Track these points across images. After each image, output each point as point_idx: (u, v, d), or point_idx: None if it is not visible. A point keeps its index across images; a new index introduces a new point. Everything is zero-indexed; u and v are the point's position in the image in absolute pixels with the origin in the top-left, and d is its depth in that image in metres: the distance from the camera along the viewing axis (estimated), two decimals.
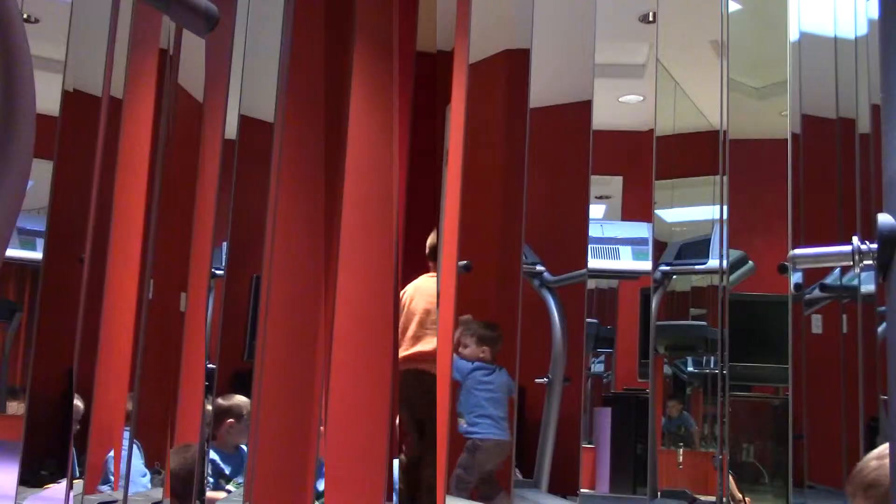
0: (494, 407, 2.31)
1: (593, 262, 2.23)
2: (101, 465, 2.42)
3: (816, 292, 2.02)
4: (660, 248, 2.23)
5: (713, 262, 2.15)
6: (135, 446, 2.43)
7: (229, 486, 2.45)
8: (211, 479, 2.42)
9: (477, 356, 2.35)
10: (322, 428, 2.43)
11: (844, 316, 1.98)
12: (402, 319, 2.66)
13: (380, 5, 2.63)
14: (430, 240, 2.80)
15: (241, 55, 2.54)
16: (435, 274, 2.70)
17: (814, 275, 2.00)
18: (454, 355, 2.36)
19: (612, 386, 2.28)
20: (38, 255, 2.33)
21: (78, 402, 2.35)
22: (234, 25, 2.54)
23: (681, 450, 2.17)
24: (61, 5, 2.44)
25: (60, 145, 2.36)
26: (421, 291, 2.63)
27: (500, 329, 2.35)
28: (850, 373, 1.94)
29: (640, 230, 2.25)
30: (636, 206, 2.30)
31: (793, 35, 2.12)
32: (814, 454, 1.95)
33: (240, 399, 2.45)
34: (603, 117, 2.26)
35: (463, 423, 2.32)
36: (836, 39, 2.10)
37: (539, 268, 2.30)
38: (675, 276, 2.22)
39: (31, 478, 2.27)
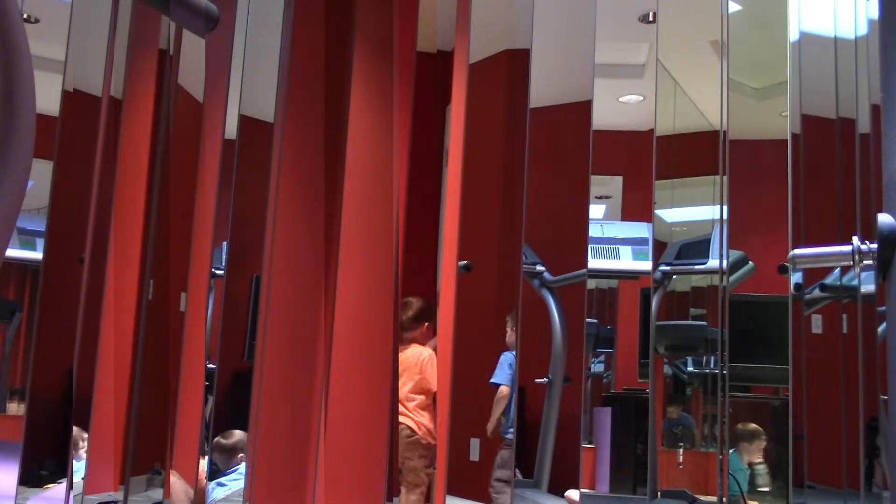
0: None
1: (593, 262, 2.23)
2: (102, 465, 2.42)
3: (816, 292, 2.01)
4: (660, 248, 2.23)
5: (713, 262, 2.15)
6: None
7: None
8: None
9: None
10: (322, 428, 2.43)
11: (844, 316, 1.98)
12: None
13: (380, 5, 2.63)
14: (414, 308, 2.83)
15: (241, 55, 2.54)
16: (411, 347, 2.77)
17: (814, 275, 2.00)
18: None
19: (612, 386, 2.27)
20: (38, 255, 2.33)
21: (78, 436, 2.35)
22: (234, 25, 2.54)
23: (681, 450, 2.17)
24: (61, 5, 2.44)
25: (60, 145, 2.36)
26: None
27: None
28: (850, 373, 1.94)
29: (640, 230, 2.24)
30: (636, 206, 2.30)
31: (793, 35, 2.12)
32: (814, 454, 1.95)
33: (239, 434, 2.46)
34: (603, 117, 2.26)
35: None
36: (836, 39, 2.10)
37: (539, 268, 2.30)
38: (675, 276, 2.22)
39: (31, 478, 2.27)
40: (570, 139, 2.34)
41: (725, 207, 2.12)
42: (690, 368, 2.19)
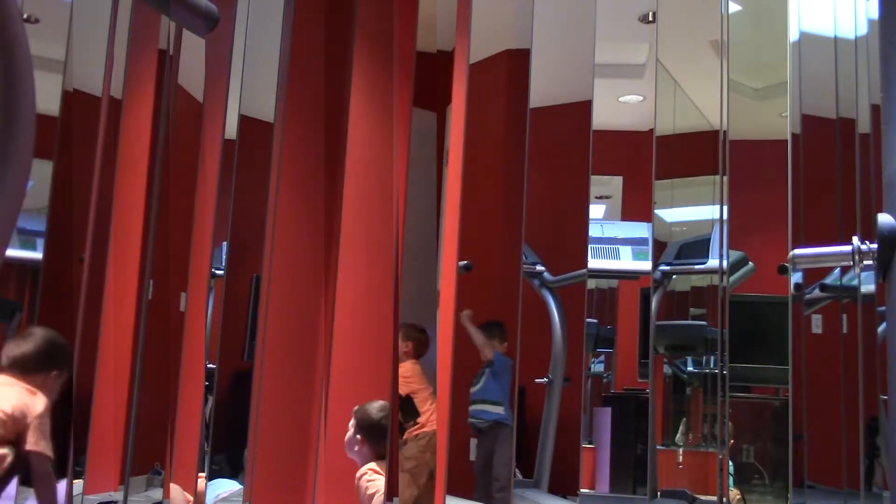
0: None
1: (593, 262, 2.23)
2: (102, 465, 2.42)
3: (816, 292, 2.02)
4: (660, 248, 2.23)
5: (713, 262, 2.16)
6: None
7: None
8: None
9: None
10: (322, 428, 2.43)
11: (844, 316, 1.98)
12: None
13: (380, 5, 2.63)
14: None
15: (241, 55, 2.54)
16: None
17: (814, 275, 2.00)
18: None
19: (612, 386, 2.28)
20: (38, 255, 2.33)
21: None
22: (234, 25, 2.54)
23: (681, 450, 2.17)
24: (61, 5, 2.44)
25: (60, 145, 2.36)
26: None
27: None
28: (850, 373, 1.94)
29: (640, 230, 2.25)
30: (636, 206, 2.30)
31: (793, 35, 2.12)
32: (814, 454, 1.95)
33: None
34: (603, 117, 2.26)
35: None
36: (836, 39, 2.10)
37: (539, 268, 2.30)
38: (674, 276, 2.22)
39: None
40: (570, 139, 2.34)
41: (725, 207, 2.12)
42: (690, 368, 2.19)
